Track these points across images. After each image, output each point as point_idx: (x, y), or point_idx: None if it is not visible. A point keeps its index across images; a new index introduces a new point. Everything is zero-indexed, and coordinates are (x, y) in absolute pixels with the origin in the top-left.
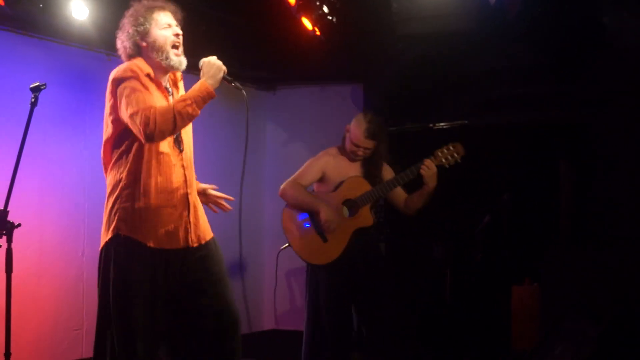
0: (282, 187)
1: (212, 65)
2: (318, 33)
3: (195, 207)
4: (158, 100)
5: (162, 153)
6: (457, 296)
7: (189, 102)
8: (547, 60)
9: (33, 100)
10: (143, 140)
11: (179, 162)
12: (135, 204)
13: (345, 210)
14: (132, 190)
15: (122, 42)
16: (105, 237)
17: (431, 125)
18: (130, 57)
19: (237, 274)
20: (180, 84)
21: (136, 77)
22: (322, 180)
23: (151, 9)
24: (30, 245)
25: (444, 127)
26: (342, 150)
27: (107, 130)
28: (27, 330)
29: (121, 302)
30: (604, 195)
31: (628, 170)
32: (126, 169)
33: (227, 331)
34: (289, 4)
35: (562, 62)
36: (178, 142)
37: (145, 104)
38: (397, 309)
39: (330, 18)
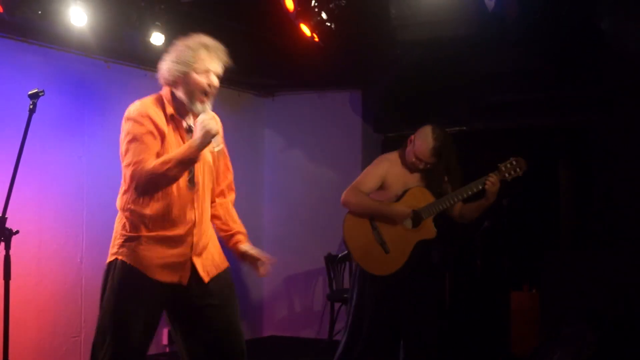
0: (343, 195)
1: (202, 128)
2: (317, 39)
3: (200, 245)
4: (174, 144)
5: (172, 190)
6: (457, 301)
7: (170, 165)
8: (546, 64)
9: (31, 106)
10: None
11: (189, 200)
12: (139, 234)
13: (408, 221)
14: (136, 221)
15: (163, 69)
16: (111, 254)
17: None
18: (166, 83)
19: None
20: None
21: (143, 122)
22: (381, 187)
23: (200, 49)
24: (28, 252)
25: None
26: (402, 159)
27: (121, 157)
28: (26, 337)
29: (114, 327)
30: (603, 199)
31: (627, 173)
32: (135, 200)
33: (236, 354)
34: (287, 10)
35: (560, 65)
36: (192, 182)
37: (138, 158)
38: (436, 329)
39: (328, 24)
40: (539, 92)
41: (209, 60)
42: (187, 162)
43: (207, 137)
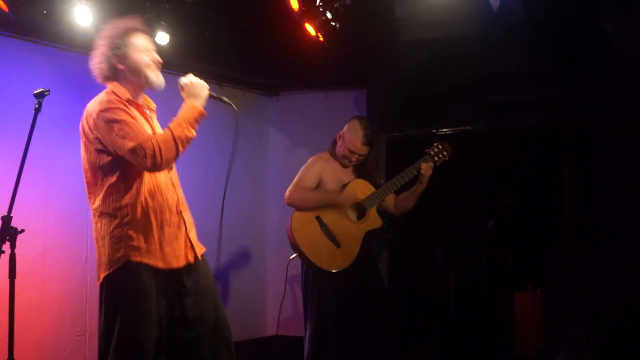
0: (286, 194)
1: (195, 85)
2: (321, 39)
3: (190, 223)
4: (144, 125)
5: (155, 175)
6: (460, 301)
7: (184, 125)
8: (550, 64)
9: (37, 106)
10: (148, 170)
11: (169, 181)
12: (141, 228)
13: (352, 214)
14: (134, 216)
15: (98, 63)
16: (109, 266)
17: (434, 130)
18: (106, 78)
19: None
20: (153, 115)
21: (122, 107)
22: (319, 186)
23: (128, 32)
24: (33, 251)
25: (447, 132)
26: (334, 156)
27: (92, 158)
28: (31, 335)
29: (131, 327)
30: (607, 199)
31: (631, 173)
32: (124, 195)
33: (221, 343)
34: (292, 10)
35: (564, 66)
36: None
37: (144, 136)
38: (391, 320)
39: (333, 24)
40: (543, 92)
41: (144, 39)
42: (197, 119)
43: (204, 89)
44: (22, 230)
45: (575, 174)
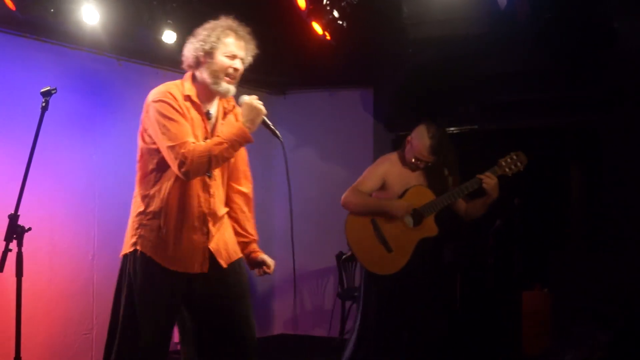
0: (343, 196)
1: (253, 109)
2: (328, 38)
3: (216, 234)
4: (196, 124)
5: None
6: (468, 300)
7: (225, 145)
8: (557, 64)
9: (44, 104)
10: (176, 173)
11: (206, 188)
12: (156, 223)
13: (409, 220)
14: (155, 210)
15: (188, 50)
16: (126, 246)
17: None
18: (189, 67)
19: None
20: (230, 116)
21: (172, 103)
22: (382, 187)
23: (227, 32)
24: (40, 249)
25: (454, 131)
26: (402, 158)
27: (140, 142)
28: (38, 334)
29: (129, 319)
30: (613, 199)
31: (638, 174)
32: (153, 187)
33: (244, 354)
34: (299, 8)
35: (572, 65)
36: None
37: (183, 139)
38: (442, 323)
39: (340, 23)
40: (550, 91)
41: (236, 44)
42: (241, 143)
43: (259, 116)
44: (29, 229)
45: (582, 173)
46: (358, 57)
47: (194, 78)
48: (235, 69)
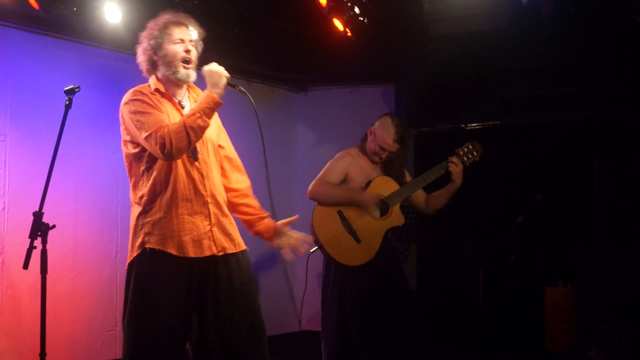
0: (309, 188)
1: (214, 73)
2: (349, 34)
3: (217, 216)
4: (171, 115)
5: (177, 164)
6: (490, 297)
7: (198, 114)
8: (580, 58)
9: (67, 102)
10: (163, 159)
11: (197, 171)
12: (158, 216)
13: (375, 210)
14: (154, 204)
15: (139, 57)
16: (132, 253)
17: (463, 125)
18: (147, 72)
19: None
20: (198, 99)
21: (142, 99)
22: (344, 181)
23: (167, 24)
24: (64, 246)
25: (476, 127)
26: (362, 151)
27: (124, 151)
28: (62, 330)
29: (143, 312)
30: (638, 194)
31: None
32: (147, 185)
33: (252, 341)
34: (320, 5)
35: (595, 59)
36: (192, 152)
37: (157, 125)
38: (412, 313)
39: (361, 19)
40: (573, 86)
41: (179, 31)
42: (213, 108)
43: (222, 78)
44: (54, 226)
45: (605, 168)
46: (379, 53)
47: (156, 77)
48: (187, 51)
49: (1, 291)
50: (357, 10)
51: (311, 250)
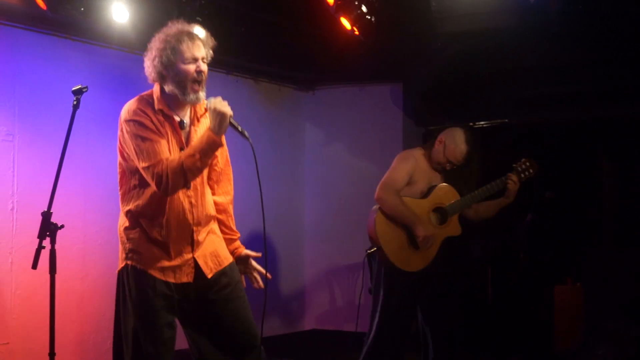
0: (378, 192)
1: (217, 113)
2: (357, 33)
3: (202, 243)
4: (170, 137)
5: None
6: (499, 295)
7: (197, 156)
8: (589, 56)
9: (75, 102)
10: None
11: (186, 199)
12: (142, 236)
13: (434, 218)
14: (139, 224)
15: (147, 67)
16: (120, 262)
17: (471, 123)
18: (154, 81)
19: (273, 273)
20: (204, 119)
21: (144, 122)
22: (408, 183)
23: (180, 39)
24: (73, 247)
25: (484, 125)
26: (427, 156)
27: (119, 158)
28: (71, 330)
29: (128, 328)
30: None
31: None
32: (136, 201)
33: (246, 352)
34: (327, 4)
35: (604, 58)
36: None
37: (156, 158)
38: (458, 312)
39: (369, 17)
40: (582, 84)
41: (193, 47)
42: (212, 150)
43: (225, 120)
44: (62, 226)
45: (614, 167)
46: (387, 52)
47: (162, 90)
48: (200, 72)
49: (10, 291)
50: (364, 8)
51: (369, 251)
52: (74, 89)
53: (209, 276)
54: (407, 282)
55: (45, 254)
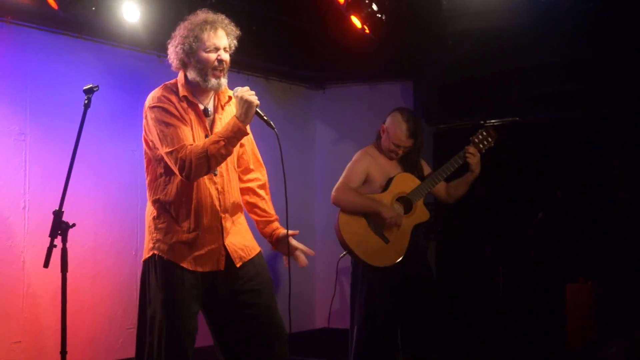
0: (333, 194)
1: (244, 102)
2: (367, 31)
3: (231, 231)
4: (194, 125)
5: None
6: (510, 293)
7: (222, 143)
8: (600, 53)
9: (86, 101)
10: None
11: (214, 186)
12: (170, 227)
13: (399, 208)
14: (167, 213)
15: (170, 54)
16: (146, 252)
17: (482, 122)
18: (177, 69)
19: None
20: (228, 107)
21: (168, 108)
22: (366, 181)
23: (203, 27)
24: (84, 245)
25: (495, 123)
26: (379, 149)
27: (145, 148)
28: (83, 328)
29: (155, 320)
30: None
31: None
32: (163, 191)
33: (273, 341)
34: (338, 2)
35: (615, 55)
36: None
37: (180, 143)
38: (444, 310)
39: (379, 16)
40: (593, 82)
41: (215, 36)
42: (238, 137)
43: (252, 108)
44: (74, 225)
45: (626, 165)
46: (397, 50)
47: (186, 77)
48: (221, 61)
49: (22, 290)
50: (375, 7)
51: (340, 255)
52: (85, 88)
53: (238, 265)
54: (386, 281)
55: (56, 253)
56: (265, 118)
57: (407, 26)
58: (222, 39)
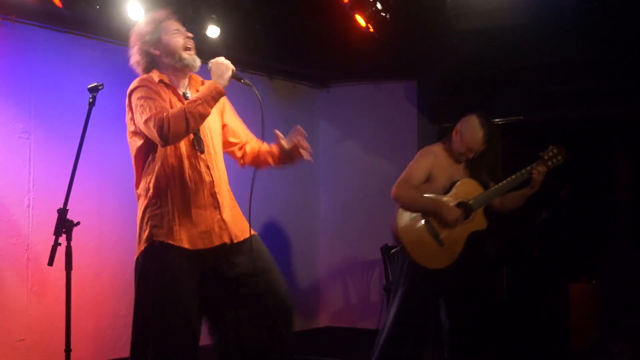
0: (393, 189)
1: (220, 65)
2: (371, 30)
3: (226, 206)
4: (174, 105)
5: (183, 156)
6: (514, 293)
7: (199, 102)
8: (603, 53)
9: (91, 100)
10: (160, 144)
11: (202, 163)
12: (165, 209)
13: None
14: (160, 197)
15: (135, 57)
16: (139, 247)
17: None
18: (145, 70)
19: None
20: (202, 88)
21: (149, 86)
22: (427, 180)
23: (157, 20)
24: (89, 243)
25: (499, 122)
26: (447, 150)
27: (131, 144)
28: (87, 326)
29: (158, 305)
30: None
31: None
32: (153, 177)
33: (278, 315)
34: (342, 1)
35: (619, 55)
36: (198, 144)
37: (157, 109)
38: (483, 309)
39: (383, 15)
40: (597, 81)
41: (175, 22)
42: (215, 98)
43: (227, 70)
44: (78, 223)
45: (629, 164)
46: (401, 49)
47: (158, 69)
48: (188, 37)
49: (27, 287)
50: (379, 6)
51: (392, 251)
52: (89, 86)
53: (235, 241)
54: (429, 281)
55: (61, 251)
56: (242, 80)
57: (411, 25)
58: (180, 25)
